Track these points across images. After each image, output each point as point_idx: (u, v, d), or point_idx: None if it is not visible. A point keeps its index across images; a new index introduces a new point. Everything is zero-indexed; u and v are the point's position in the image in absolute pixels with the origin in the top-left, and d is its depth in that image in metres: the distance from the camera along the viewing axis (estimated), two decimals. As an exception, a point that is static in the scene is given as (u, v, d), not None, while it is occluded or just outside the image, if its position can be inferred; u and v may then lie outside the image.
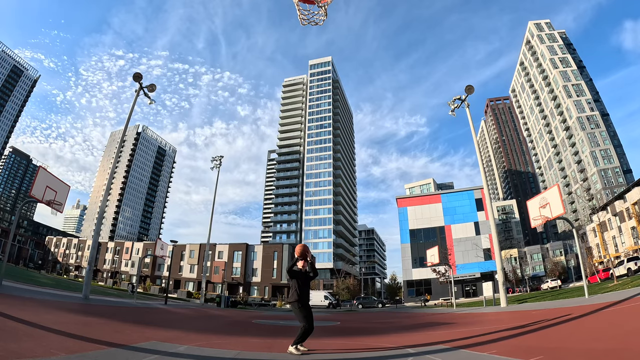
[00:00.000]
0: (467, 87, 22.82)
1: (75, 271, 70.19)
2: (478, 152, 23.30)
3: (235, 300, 37.89)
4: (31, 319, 6.57)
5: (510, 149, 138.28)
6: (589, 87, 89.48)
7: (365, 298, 47.82)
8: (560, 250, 68.27)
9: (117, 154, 23.88)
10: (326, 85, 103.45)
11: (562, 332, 6.41)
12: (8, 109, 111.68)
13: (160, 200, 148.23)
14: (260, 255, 60.83)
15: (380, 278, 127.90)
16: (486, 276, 48.78)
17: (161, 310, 16.85)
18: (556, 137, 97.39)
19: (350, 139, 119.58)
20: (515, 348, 5.08)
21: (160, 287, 51.28)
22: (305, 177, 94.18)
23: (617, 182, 76.77)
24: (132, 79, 21.10)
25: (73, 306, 11.71)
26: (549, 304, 14.82)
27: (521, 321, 9.28)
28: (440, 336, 8.00)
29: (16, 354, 3.66)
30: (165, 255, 32.03)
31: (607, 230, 52.68)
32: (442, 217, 58.68)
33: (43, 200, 14.78)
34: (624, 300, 10.22)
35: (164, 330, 8.37)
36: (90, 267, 17.76)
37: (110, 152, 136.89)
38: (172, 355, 4.68)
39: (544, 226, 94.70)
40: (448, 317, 15.04)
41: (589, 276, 31.96)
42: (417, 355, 5.00)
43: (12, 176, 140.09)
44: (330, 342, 7.27)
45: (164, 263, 64.45)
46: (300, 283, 5.69)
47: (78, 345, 4.73)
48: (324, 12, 5.60)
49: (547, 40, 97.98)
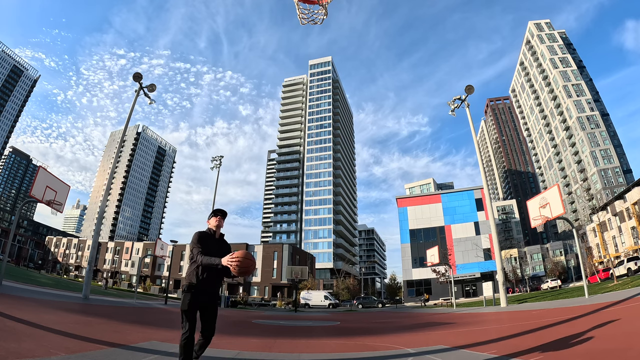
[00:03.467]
0: (467, 87, 22.83)
1: (75, 271, 70.19)
2: (478, 152, 23.30)
3: (235, 300, 37.89)
4: (31, 319, 6.56)
5: (510, 149, 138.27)
6: (589, 87, 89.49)
7: (365, 298, 47.81)
8: (560, 250, 68.25)
9: (117, 154, 23.88)
10: (326, 85, 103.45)
11: (562, 332, 6.41)
12: (8, 109, 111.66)
13: (160, 200, 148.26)
14: (260, 255, 60.81)
15: (380, 278, 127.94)
16: (486, 276, 48.77)
17: (161, 310, 16.85)
18: (556, 137, 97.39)
19: (350, 139, 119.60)
20: (515, 348, 5.08)
21: (160, 287, 51.31)
22: (305, 177, 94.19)
23: (617, 182, 76.78)
24: (132, 78, 21.11)
25: (73, 306, 11.71)
26: (549, 304, 14.82)
27: (521, 321, 9.29)
28: (440, 336, 8.00)
29: (16, 354, 3.66)
30: (165, 255, 32.04)
31: (607, 230, 52.68)
32: (442, 217, 58.66)
33: (43, 200, 14.77)
34: (624, 300, 10.22)
35: (163, 330, 8.37)
36: (90, 267, 17.76)
37: (110, 152, 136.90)
38: (172, 355, 4.68)
39: (544, 226, 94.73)
40: (448, 317, 15.04)
41: (589, 276, 31.95)
42: (417, 355, 5.00)
43: (12, 176, 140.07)
44: (330, 342, 7.27)
45: (164, 263, 64.44)
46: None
47: (78, 345, 4.73)
48: (324, 12, 5.60)
49: (547, 40, 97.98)
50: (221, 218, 3.65)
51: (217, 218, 3.63)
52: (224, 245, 3.67)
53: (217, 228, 3.61)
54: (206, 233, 3.56)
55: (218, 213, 3.67)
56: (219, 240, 3.64)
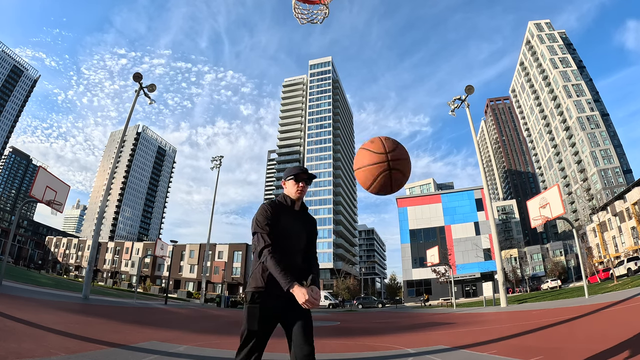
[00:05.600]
0: (467, 87, 22.84)
1: (75, 271, 70.21)
2: (478, 152, 23.30)
3: (235, 300, 37.86)
4: (31, 319, 6.56)
5: (510, 149, 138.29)
6: (589, 87, 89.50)
7: (365, 298, 47.82)
8: (560, 250, 68.24)
9: (117, 154, 23.89)
10: (326, 85, 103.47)
11: (562, 332, 6.41)
12: (8, 109, 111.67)
13: (160, 200, 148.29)
14: (260, 255, 60.79)
15: (380, 278, 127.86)
16: (486, 276, 48.77)
17: (161, 311, 16.85)
18: (556, 137, 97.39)
19: (351, 139, 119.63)
20: (515, 348, 5.08)
21: (160, 287, 51.30)
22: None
23: (617, 182, 76.78)
24: (132, 79, 21.11)
25: (73, 306, 11.71)
26: (549, 304, 14.81)
27: (521, 321, 9.28)
28: (440, 336, 8.00)
29: (16, 354, 3.66)
30: (165, 255, 32.04)
31: (607, 230, 52.68)
32: (442, 217, 58.67)
33: (43, 200, 14.77)
34: (624, 300, 10.22)
35: (163, 330, 8.37)
36: (90, 267, 17.76)
37: (110, 152, 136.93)
38: (171, 355, 4.68)
39: (544, 226, 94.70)
40: (448, 317, 15.04)
41: (589, 276, 31.94)
42: (417, 355, 5.00)
43: (12, 176, 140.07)
44: (330, 342, 7.26)
45: (164, 263, 64.44)
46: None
47: (78, 345, 4.73)
48: (324, 12, 5.59)
49: (547, 40, 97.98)
50: (306, 184, 2.24)
51: (301, 184, 2.23)
52: (308, 222, 2.32)
53: (298, 196, 2.24)
54: (280, 204, 2.23)
55: (302, 175, 2.26)
56: (300, 213, 2.29)
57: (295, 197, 2.25)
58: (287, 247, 2.11)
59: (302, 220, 2.28)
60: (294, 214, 2.25)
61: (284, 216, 2.16)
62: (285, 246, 2.09)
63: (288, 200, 2.26)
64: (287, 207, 2.24)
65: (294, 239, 2.17)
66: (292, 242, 2.16)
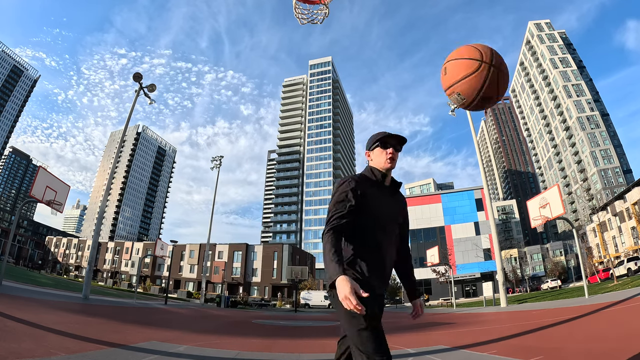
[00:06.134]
0: (467, 87, 22.80)
1: (75, 271, 70.19)
2: (478, 152, 23.31)
3: (235, 301, 37.89)
4: (31, 319, 6.56)
5: (510, 149, 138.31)
6: (589, 87, 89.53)
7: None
8: (560, 250, 68.25)
9: (117, 154, 23.88)
10: (326, 85, 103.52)
11: (562, 332, 6.41)
12: (8, 109, 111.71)
13: (160, 200, 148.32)
14: (260, 255, 60.82)
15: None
16: (486, 276, 48.78)
17: (161, 311, 16.85)
18: (556, 137, 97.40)
19: (351, 138, 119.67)
20: (515, 348, 5.08)
21: (160, 287, 51.27)
22: (305, 177, 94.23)
23: (617, 182, 76.79)
24: (132, 78, 21.10)
25: (73, 306, 11.71)
26: (549, 304, 14.81)
27: (521, 321, 9.29)
28: (440, 336, 8.00)
29: (16, 354, 3.66)
30: (165, 255, 32.03)
31: (607, 230, 52.68)
32: (442, 217, 58.68)
33: (43, 200, 14.77)
34: (624, 300, 10.22)
35: (163, 330, 8.37)
36: (90, 267, 17.75)
37: (110, 152, 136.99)
38: (171, 355, 4.68)
39: (544, 226, 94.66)
40: (448, 317, 15.04)
41: (589, 276, 31.94)
42: (417, 355, 5.00)
43: (12, 176, 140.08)
44: (330, 342, 7.26)
45: (164, 263, 64.44)
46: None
47: (78, 345, 4.73)
48: (325, 12, 5.60)
49: (547, 40, 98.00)
50: (395, 150, 1.73)
51: (390, 151, 1.72)
52: (399, 202, 1.80)
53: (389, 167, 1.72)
54: (366, 178, 1.73)
55: (390, 140, 1.74)
56: (391, 191, 1.79)
57: (385, 168, 1.72)
58: (378, 237, 1.61)
59: (395, 200, 1.78)
60: (384, 192, 1.73)
61: (372, 195, 1.65)
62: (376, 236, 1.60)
63: (376, 174, 1.74)
64: (375, 183, 1.72)
65: (387, 225, 1.66)
66: (384, 229, 1.64)
